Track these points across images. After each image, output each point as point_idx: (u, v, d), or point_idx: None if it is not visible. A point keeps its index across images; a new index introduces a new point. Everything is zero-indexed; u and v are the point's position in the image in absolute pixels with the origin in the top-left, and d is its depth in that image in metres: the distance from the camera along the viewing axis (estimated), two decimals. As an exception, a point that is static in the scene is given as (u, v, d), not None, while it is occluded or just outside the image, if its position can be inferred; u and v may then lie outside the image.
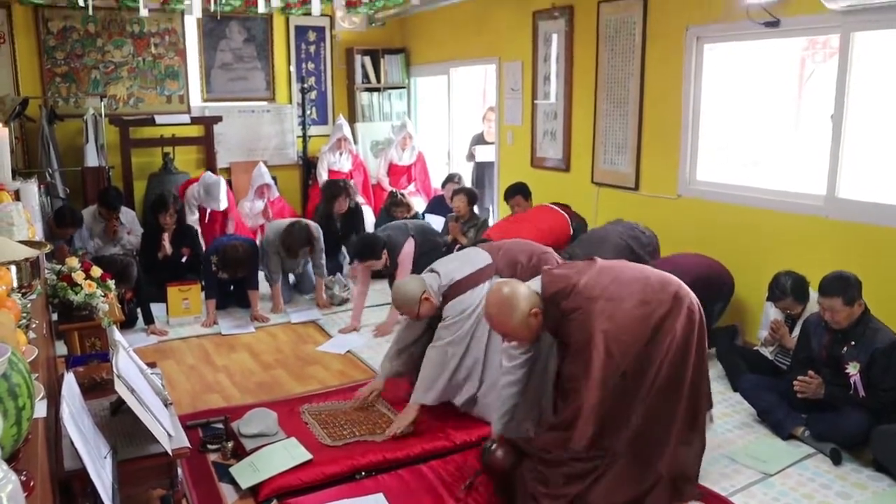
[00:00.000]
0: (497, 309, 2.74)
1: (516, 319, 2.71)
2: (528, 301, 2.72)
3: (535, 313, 2.72)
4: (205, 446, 3.32)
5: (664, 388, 2.72)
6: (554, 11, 5.79)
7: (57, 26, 6.61)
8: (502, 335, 2.84)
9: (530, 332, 2.76)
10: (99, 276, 3.48)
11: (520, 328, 2.73)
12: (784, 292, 3.69)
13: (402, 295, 3.50)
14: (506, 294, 2.73)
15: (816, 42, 4.69)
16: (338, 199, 6.06)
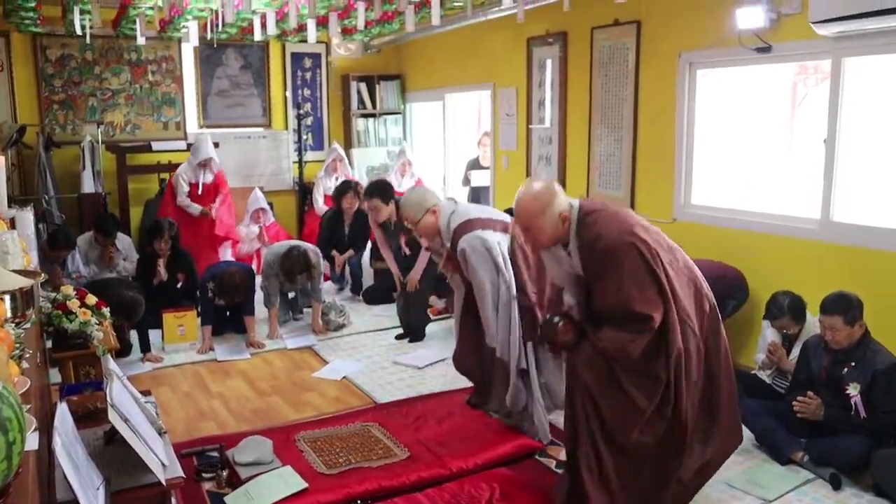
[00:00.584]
0: (531, 199, 2.67)
1: (548, 215, 2.65)
2: (562, 202, 2.68)
3: (564, 217, 2.67)
4: (199, 475, 3.29)
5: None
6: (548, 37, 5.85)
7: (55, 54, 6.66)
8: (526, 229, 2.75)
9: (555, 234, 2.69)
10: (94, 304, 3.46)
11: (547, 225, 2.66)
12: (781, 311, 3.69)
13: (412, 198, 3.54)
14: (543, 186, 2.70)
15: (808, 67, 4.75)
16: (345, 195, 6.13)
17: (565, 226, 2.69)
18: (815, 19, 3.66)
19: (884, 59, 3.79)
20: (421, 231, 3.54)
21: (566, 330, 2.75)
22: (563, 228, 2.69)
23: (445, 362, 4.76)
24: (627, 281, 2.60)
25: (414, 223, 3.51)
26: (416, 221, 3.49)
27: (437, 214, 3.50)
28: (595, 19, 5.37)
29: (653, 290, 2.60)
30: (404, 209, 3.57)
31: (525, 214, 2.71)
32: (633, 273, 2.59)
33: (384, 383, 4.50)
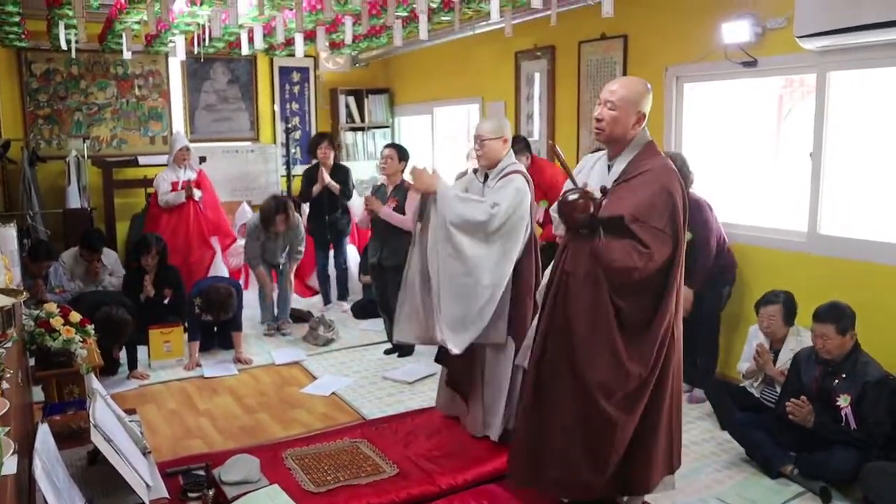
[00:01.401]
0: (640, 82, 2.74)
1: (639, 104, 2.69)
2: (649, 105, 2.73)
3: (641, 118, 2.70)
4: (185, 494, 3.23)
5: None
6: (536, 51, 5.88)
7: (40, 69, 6.62)
8: (607, 105, 2.72)
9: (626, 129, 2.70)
10: (78, 322, 3.41)
11: (632, 111, 2.69)
12: (777, 297, 3.73)
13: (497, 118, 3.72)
14: (646, 82, 2.76)
15: (794, 81, 4.78)
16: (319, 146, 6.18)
17: (636, 128, 2.71)
18: (801, 34, 3.69)
19: (868, 74, 3.82)
20: (485, 150, 3.55)
21: (585, 207, 2.65)
22: (632, 132, 2.72)
23: (435, 377, 4.73)
24: (651, 201, 2.59)
25: (482, 140, 3.53)
26: (486, 139, 3.52)
27: (506, 147, 3.56)
28: (582, 33, 5.40)
29: (669, 227, 2.60)
30: (481, 126, 3.59)
31: (620, 88, 2.71)
32: (660, 199, 2.59)
33: (373, 399, 4.46)
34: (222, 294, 5.04)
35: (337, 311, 6.40)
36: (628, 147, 2.72)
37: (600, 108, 2.75)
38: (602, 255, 2.60)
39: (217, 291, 5.04)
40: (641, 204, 2.59)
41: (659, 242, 2.57)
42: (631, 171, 2.69)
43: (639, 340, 2.66)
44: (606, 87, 2.76)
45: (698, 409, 4.19)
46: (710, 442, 3.78)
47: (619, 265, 2.57)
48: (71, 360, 3.29)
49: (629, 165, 2.70)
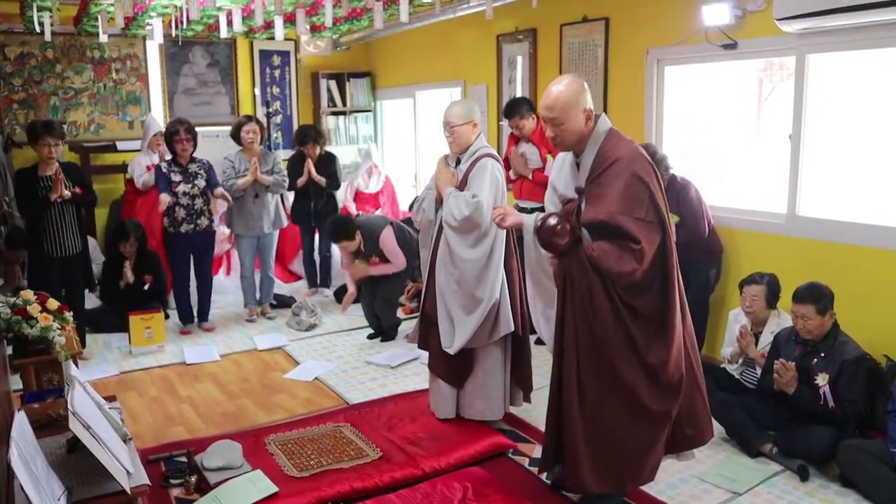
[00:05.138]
0: (564, 88, 2.67)
1: (577, 108, 2.65)
2: (589, 100, 2.69)
3: (589, 114, 2.68)
4: (167, 481, 3.23)
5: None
6: (518, 34, 5.85)
7: (14, 52, 6.49)
8: (554, 120, 2.68)
9: (579, 132, 2.68)
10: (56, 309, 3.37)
11: (575, 118, 2.66)
12: (762, 277, 3.76)
13: (463, 104, 3.63)
14: (573, 78, 2.71)
15: (773, 63, 4.80)
16: (306, 146, 6.11)
17: (588, 125, 2.69)
18: (780, 16, 3.70)
19: (847, 56, 3.84)
20: (454, 136, 3.56)
21: (563, 232, 2.66)
22: (587, 128, 2.69)
23: (419, 361, 4.74)
24: (628, 194, 2.57)
25: (451, 126, 3.53)
26: (455, 125, 3.52)
27: (476, 131, 3.56)
28: (564, 16, 5.38)
29: (651, 214, 2.59)
30: (449, 111, 3.57)
31: (555, 103, 2.67)
32: (634, 189, 2.58)
33: (356, 383, 4.47)
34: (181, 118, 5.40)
35: (319, 296, 6.39)
36: (590, 142, 2.72)
37: (547, 128, 2.77)
38: (600, 264, 2.60)
39: (177, 118, 5.39)
40: (618, 197, 2.58)
41: (646, 231, 2.57)
42: (599, 164, 2.68)
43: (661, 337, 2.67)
44: (542, 103, 2.75)
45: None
46: (691, 422, 3.82)
47: (618, 270, 2.57)
48: (49, 348, 3.25)
49: (596, 159, 2.70)
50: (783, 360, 3.35)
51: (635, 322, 2.64)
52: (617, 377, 2.65)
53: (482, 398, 3.64)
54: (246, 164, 5.58)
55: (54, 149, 4.52)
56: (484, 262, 3.40)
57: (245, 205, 5.65)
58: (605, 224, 2.59)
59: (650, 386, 2.66)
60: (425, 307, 3.72)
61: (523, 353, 3.67)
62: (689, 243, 4.17)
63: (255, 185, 5.58)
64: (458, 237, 3.43)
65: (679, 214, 4.20)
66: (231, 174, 5.58)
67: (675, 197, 4.23)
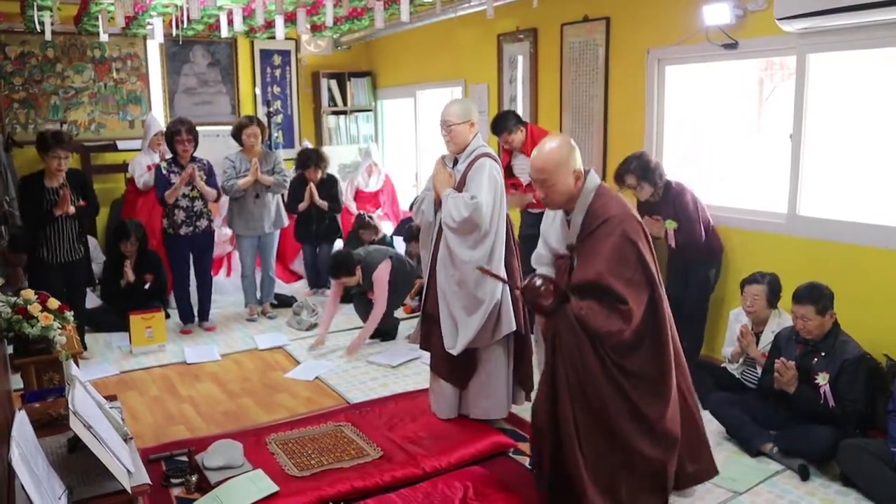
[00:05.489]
0: (552, 149, 2.70)
1: (566, 168, 2.69)
2: (578, 161, 2.73)
3: (578, 174, 2.71)
4: (168, 480, 3.23)
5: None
6: (518, 34, 5.85)
7: (14, 52, 6.49)
8: (543, 181, 2.72)
9: (568, 191, 2.72)
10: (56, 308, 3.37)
11: (563, 179, 2.69)
12: (763, 277, 3.77)
13: (461, 102, 3.58)
14: (563, 139, 2.76)
15: (774, 63, 4.79)
16: (308, 169, 6.10)
17: (577, 185, 2.72)
18: (781, 16, 3.69)
19: (848, 56, 3.84)
20: (452, 136, 3.54)
21: (548, 292, 2.70)
22: (576, 188, 2.72)
23: (419, 361, 4.75)
24: (617, 254, 2.60)
25: (449, 125, 3.51)
26: (454, 124, 3.50)
27: (473, 130, 3.54)
28: (565, 16, 5.37)
29: (639, 274, 2.62)
30: (447, 110, 3.55)
31: (545, 164, 2.71)
32: (623, 250, 2.61)
33: (357, 383, 4.47)
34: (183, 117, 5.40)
35: (320, 296, 6.39)
36: (580, 200, 2.75)
37: (537, 188, 2.80)
38: (588, 324, 2.62)
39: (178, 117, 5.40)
40: (607, 257, 2.62)
41: (634, 291, 2.60)
42: (589, 223, 2.72)
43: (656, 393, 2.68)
44: (531, 164, 2.79)
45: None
46: (691, 422, 3.83)
47: (606, 330, 2.60)
48: (50, 347, 3.25)
49: (586, 218, 2.74)
50: (784, 360, 3.35)
51: (627, 379, 2.65)
52: (614, 433, 2.66)
53: (487, 397, 3.64)
54: (247, 164, 5.58)
55: (63, 161, 4.53)
56: (484, 262, 3.40)
57: (246, 205, 5.64)
58: (594, 284, 2.63)
59: (647, 437, 2.67)
60: (426, 307, 3.72)
61: (525, 351, 3.67)
62: (687, 246, 4.18)
63: (255, 185, 5.58)
64: (458, 238, 3.43)
65: (676, 220, 4.20)
66: (232, 174, 5.57)
67: (671, 202, 4.24)
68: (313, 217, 6.19)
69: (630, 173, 4.26)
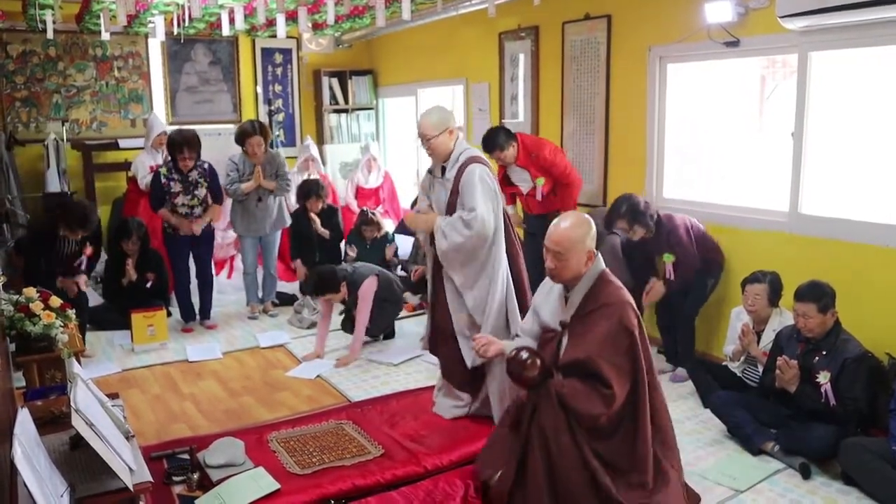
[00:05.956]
0: (574, 225, 2.78)
1: (582, 246, 2.74)
2: (593, 241, 2.80)
3: (590, 255, 2.78)
4: (169, 478, 3.23)
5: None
6: (520, 32, 5.84)
7: (16, 50, 6.50)
8: (559, 254, 2.76)
9: (578, 269, 2.77)
10: (58, 306, 3.38)
11: (578, 255, 2.75)
12: (764, 275, 3.77)
13: (435, 113, 3.49)
14: (585, 218, 2.83)
15: (776, 61, 4.79)
16: (309, 199, 6.06)
17: (588, 265, 2.78)
18: (783, 14, 3.69)
19: (850, 53, 3.83)
20: (432, 148, 3.48)
21: (533, 366, 2.75)
22: (585, 269, 2.79)
23: (420, 359, 4.75)
24: (611, 339, 2.67)
25: (428, 139, 3.45)
26: (432, 137, 3.43)
27: (453, 137, 3.48)
28: (566, 14, 5.37)
29: (628, 362, 2.67)
30: (423, 123, 3.48)
31: (562, 240, 2.76)
32: (618, 337, 2.67)
33: (358, 381, 4.47)
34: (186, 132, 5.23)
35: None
36: (583, 280, 2.80)
37: (549, 258, 2.82)
38: (568, 402, 2.67)
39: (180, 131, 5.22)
40: (601, 340, 2.67)
41: (620, 378, 2.65)
42: (587, 305, 2.77)
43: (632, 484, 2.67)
44: (548, 236, 2.82)
45: (681, 387, 4.24)
46: (693, 420, 3.83)
47: (586, 411, 2.65)
48: (52, 345, 3.26)
49: (586, 299, 2.79)
50: (786, 358, 3.35)
51: (603, 466, 2.65)
52: None
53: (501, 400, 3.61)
54: (250, 167, 5.59)
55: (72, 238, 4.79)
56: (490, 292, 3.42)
57: (248, 207, 5.66)
58: (583, 364, 2.67)
59: None
60: (435, 318, 3.70)
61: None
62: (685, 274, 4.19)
63: (258, 189, 5.59)
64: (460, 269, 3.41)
65: (673, 254, 4.19)
66: (235, 177, 5.58)
67: (665, 239, 4.21)
68: (315, 247, 6.16)
69: (621, 218, 4.22)
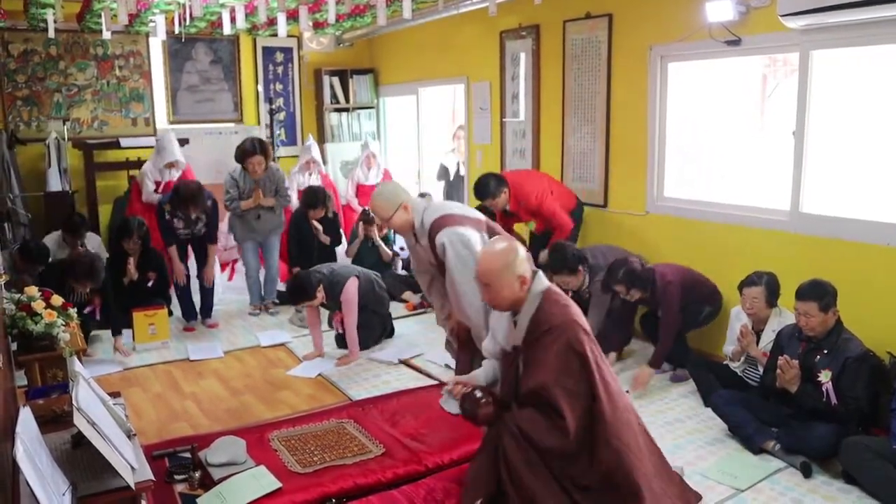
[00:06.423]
0: (494, 254, 2.72)
1: (508, 273, 2.68)
2: (523, 266, 2.71)
3: (524, 280, 2.70)
4: (171, 477, 3.23)
5: None
6: (521, 31, 5.84)
7: (17, 49, 6.51)
8: (486, 285, 2.74)
9: (513, 296, 2.71)
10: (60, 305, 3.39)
11: (506, 283, 2.69)
12: (759, 278, 3.75)
13: (382, 194, 3.46)
14: (506, 245, 2.74)
15: (777, 59, 4.79)
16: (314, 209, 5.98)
17: (523, 289, 2.71)
18: (784, 12, 3.69)
19: (851, 52, 3.83)
20: (394, 228, 3.52)
21: (487, 404, 2.75)
22: (522, 292, 2.72)
23: (422, 357, 4.76)
24: (561, 364, 2.61)
25: (386, 220, 3.46)
26: (388, 218, 3.44)
27: (409, 210, 3.46)
28: (567, 12, 5.37)
29: (582, 384, 2.61)
30: (375, 206, 3.49)
31: (487, 269, 2.72)
32: (567, 360, 2.61)
33: (359, 380, 4.47)
34: (192, 187, 5.11)
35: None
36: (526, 304, 2.74)
37: (481, 290, 2.81)
38: (526, 435, 2.64)
39: (187, 185, 5.12)
40: (551, 367, 2.62)
41: (573, 403, 2.59)
42: (534, 329, 2.72)
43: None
44: (476, 269, 2.82)
45: (682, 386, 4.24)
46: (694, 419, 3.83)
47: (542, 445, 2.62)
48: (53, 344, 3.27)
49: (531, 323, 2.73)
50: (787, 357, 3.34)
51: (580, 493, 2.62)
52: None
53: None
54: (250, 184, 5.63)
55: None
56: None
57: (247, 221, 5.72)
58: (537, 392, 2.64)
59: None
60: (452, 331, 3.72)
61: None
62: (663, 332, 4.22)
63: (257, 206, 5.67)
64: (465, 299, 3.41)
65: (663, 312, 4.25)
66: (234, 194, 5.63)
67: (660, 298, 4.20)
68: (314, 251, 6.13)
69: (618, 283, 4.21)
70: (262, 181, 5.65)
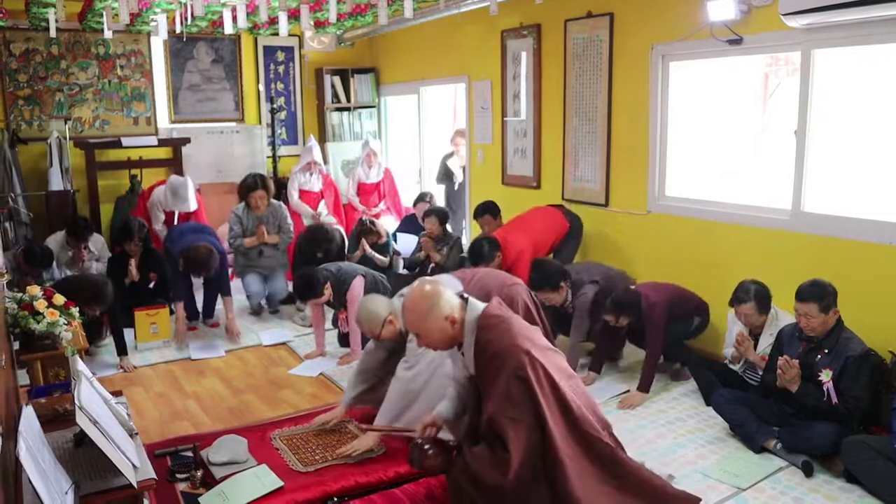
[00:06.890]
0: (415, 300, 2.61)
1: (431, 318, 2.58)
2: (448, 305, 2.59)
3: (452, 319, 2.59)
4: (173, 475, 3.24)
5: None
6: (522, 30, 5.84)
7: (19, 48, 6.51)
8: (416, 333, 2.68)
9: (445, 337, 2.62)
10: (62, 304, 3.39)
11: (433, 328, 2.59)
12: (748, 294, 3.71)
13: (366, 312, 3.45)
14: (427, 291, 2.62)
15: (779, 59, 4.79)
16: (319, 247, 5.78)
17: (455, 327, 2.60)
18: (786, 11, 3.68)
19: (853, 51, 3.83)
20: (385, 339, 3.46)
21: (434, 454, 2.69)
22: (455, 330, 2.61)
23: (422, 357, 4.75)
24: (504, 393, 2.49)
25: (377, 337, 3.44)
26: (379, 335, 3.42)
27: (395, 319, 3.41)
28: (568, 11, 5.37)
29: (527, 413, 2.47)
30: (363, 327, 3.48)
31: (412, 319, 2.64)
32: (510, 386, 2.48)
33: (361, 379, 4.47)
34: (202, 253, 5.08)
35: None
36: (465, 336, 2.64)
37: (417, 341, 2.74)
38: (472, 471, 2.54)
39: (197, 250, 5.09)
40: (499, 394, 2.50)
41: (517, 433, 2.45)
42: (479, 359, 2.61)
43: None
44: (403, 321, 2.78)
45: (683, 385, 4.24)
46: (695, 418, 3.83)
47: (484, 481, 2.49)
48: (56, 343, 3.27)
49: (476, 354, 2.62)
50: (787, 358, 3.34)
51: None
52: None
53: None
54: (253, 221, 5.69)
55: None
56: None
57: (250, 257, 5.76)
58: (489, 424, 2.54)
59: None
60: None
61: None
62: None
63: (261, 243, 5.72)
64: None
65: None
66: (238, 231, 5.69)
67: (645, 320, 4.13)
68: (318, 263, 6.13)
69: (607, 312, 4.18)
70: (264, 217, 5.73)
